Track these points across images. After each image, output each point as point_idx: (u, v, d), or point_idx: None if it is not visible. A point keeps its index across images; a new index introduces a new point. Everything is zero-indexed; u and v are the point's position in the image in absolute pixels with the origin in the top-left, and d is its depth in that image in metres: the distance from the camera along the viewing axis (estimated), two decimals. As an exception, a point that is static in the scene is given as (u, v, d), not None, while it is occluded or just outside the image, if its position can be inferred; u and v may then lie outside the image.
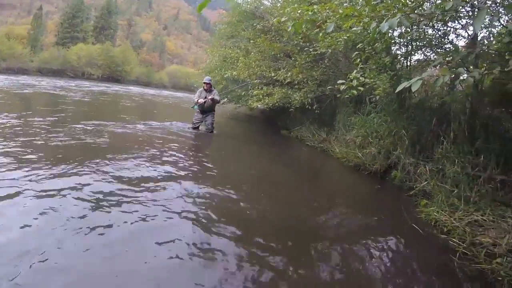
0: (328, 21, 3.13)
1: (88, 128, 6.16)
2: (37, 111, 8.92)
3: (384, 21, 2.54)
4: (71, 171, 3.47)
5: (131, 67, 53.94)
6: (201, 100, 7.95)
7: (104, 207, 2.74)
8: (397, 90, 2.45)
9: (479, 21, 2.04)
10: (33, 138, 4.78)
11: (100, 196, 2.93)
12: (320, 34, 6.22)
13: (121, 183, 3.35)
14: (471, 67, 2.45)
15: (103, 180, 3.35)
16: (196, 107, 8.10)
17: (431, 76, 2.36)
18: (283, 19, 3.39)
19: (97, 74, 48.24)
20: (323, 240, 2.86)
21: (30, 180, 3.05)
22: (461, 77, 5.43)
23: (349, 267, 2.44)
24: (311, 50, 7.50)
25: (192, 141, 6.72)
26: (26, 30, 53.30)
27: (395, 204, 4.09)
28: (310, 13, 3.40)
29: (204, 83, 8.13)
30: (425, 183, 4.20)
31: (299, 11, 4.05)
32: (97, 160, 3.98)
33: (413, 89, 2.28)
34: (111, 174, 3.57)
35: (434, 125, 4.82)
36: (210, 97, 7.91)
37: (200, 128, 8.19)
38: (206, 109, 8.08)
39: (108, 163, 3.97)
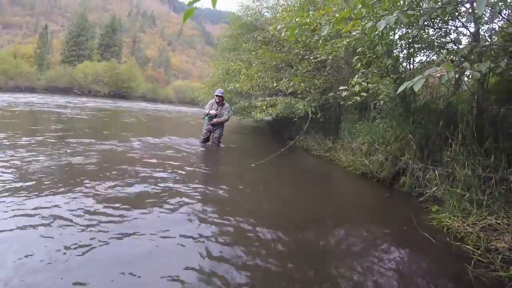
0: (322, 23, 3.06)
1: (77, 147, 5.98)
2: (26, 130, 8.62)
3: (382, 19, 2.47)
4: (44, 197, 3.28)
5: (137, 84, 54.68)
6: (213, 112, 7.82)
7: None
8: (399, 91, 2.36)
9: (481, 2, 1.94)
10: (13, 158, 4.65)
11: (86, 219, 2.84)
12: (320, 41, 6.20)
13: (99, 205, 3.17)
14: (476, 65, 2.36)
15: (82, 204, 3.18)
16: (207, 118, 7.93)
17: (434, 76, 2.25)
18: (279, 26, 3.34)
19: (104, 91, 48.98)
20: (332, 251, 2.77)
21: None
22: (467, 73, 5.38)
23: (359, 279, 2.33)
24: (311, 58, 7.45)
25: (193, 157, 6.57)
26: (32, 49, 54.56)
27: (405, 211, 3.92)
28: (306, 19, 3.34)
29: (216, 95, 7.97)
30: (435, 188, 4.04)
31: (296, 19, 4.00)
32: (75, 184, 3.73)
33: (416, 88, 2.19)
34: (86, 199, 3.33)
35: (441, 127, 4.67)
36: (221, 119, 7.87)
37: (210, 140, 8.17)
38: (216, 123, 7.95)
39: (88, 186, 3.71)
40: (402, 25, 5.15)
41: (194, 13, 1.65)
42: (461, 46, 5.15)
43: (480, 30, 4.88)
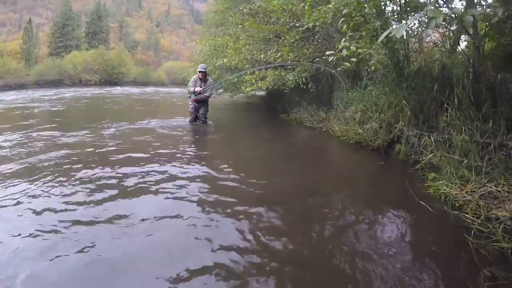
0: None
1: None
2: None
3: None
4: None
5: (127, 69, 53.57)
6: (198, 89, 7.68)
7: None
8: (380, 40, 2.18)
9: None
10: None
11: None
12: (306, 8, 5.85)
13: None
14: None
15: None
16: (192, 96, 7.81)
17: (428, 39, 2.05)
18: None
19: (94, 79, 47.92)
20: (326, 222, 2.68)
21: None
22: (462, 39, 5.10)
23: (353, 250, 2.23)
24: (297, 25, 7.10)
25: (184, 138, 6.35)
26: (18, 45, 53.01)
27: (401, 179, 3.75)
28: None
29: (199, 71, 7.83)
30: (431, 155, 3.83)
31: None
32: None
33: (397, 35, 2.16)
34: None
35: (436, 92, 4.42)
36: (205, 95, 7.77)
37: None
38: (200, 100, 7.87)
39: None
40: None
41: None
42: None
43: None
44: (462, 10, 2.05)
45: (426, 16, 2.11)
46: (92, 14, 62.91)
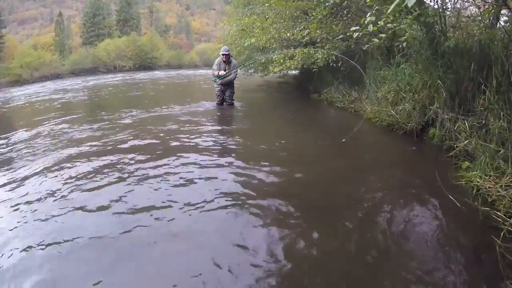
0: None
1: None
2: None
3: None
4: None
5: (160, 53, 54.45)
6: (222, 72, 7.77)
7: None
8: (390, 9, 2.03)
9: None
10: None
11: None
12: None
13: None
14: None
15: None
16: (217, 79, 7.92)
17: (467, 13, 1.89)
18: None
19: (128, 65, 49.29)
20: (351, 212, 2.69)
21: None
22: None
23: (373, 244, 2.24)
24: (323, 0, 6.77)
25: (206, 125, 6.41)
26: (51, 38, 55.29)
27: (432, 168, 3.54)
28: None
29: (222, 54, 7.85)
30: (466, 142, 3.59)
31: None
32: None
33: (409, 3, 2.01)
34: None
35: (474, 71, 4.07)
36: (229, 78, 7.86)
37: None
38: (225, 83, 8.00)
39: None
40: None
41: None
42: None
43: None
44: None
45: None
46: (121, 1, 63.74)
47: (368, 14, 4.32)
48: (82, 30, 58.88)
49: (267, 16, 9.94)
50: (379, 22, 4.32)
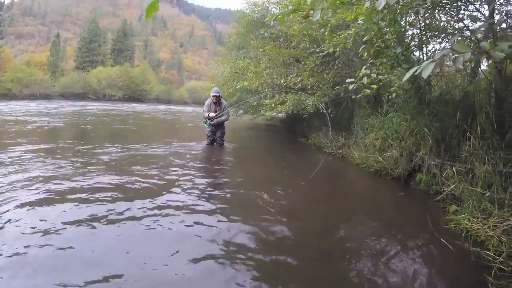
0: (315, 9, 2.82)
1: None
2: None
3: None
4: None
5: (151, 86, 55.24)
6: (212, 114, 7.67)
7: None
8: (406, 77, 2.12)
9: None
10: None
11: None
12: (327, 33, 5.93)
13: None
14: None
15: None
16: (208, 122, 7.80)
17: (450, 63, 2.02)
18: (273, 18, 3.12)
19: (118, 95, 49.58)
20: (342, 256, 2.65)
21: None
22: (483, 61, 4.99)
23: (367, 286, 2.21)
24: (318, 51, 7.18)
25: (207, 163, 6.46)
26: (45, 57, 55.89)
27: (421, 212, 3.65)
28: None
29: (213, 96, 7.76)
30: (453, 186, 3.76)
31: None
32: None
33: (424, 74, 1.93)
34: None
35: (459, 119, 4.35)
36: (222, 119, 7.74)
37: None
38: (216, 124, 7.85)
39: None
40: (408, 8, 4.83)
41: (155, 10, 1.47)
42: (477, 25, 4.80)
43: (495, 14, 4.54)
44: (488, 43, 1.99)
45: (450, 48, 2.08)
46: (118, 32, 65.78)
47: (363, 67, 4.64)
48: (77, 54, 60.15)
49: (260, 61, 10.37)
50: (372, 75, 4.60)
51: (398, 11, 4.56)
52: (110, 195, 3.65)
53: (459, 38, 4.20)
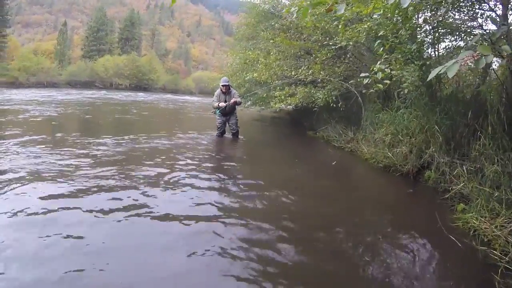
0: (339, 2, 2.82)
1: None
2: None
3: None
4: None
5: (157, 76, 55.30)
6: (222, 104, 7.65)
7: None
8: (430, 77, 2.16)
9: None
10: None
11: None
12: (340, 27, 5.93)
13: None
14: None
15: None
16: (218, 112, 7.79)
17: (464, 62, 2.05)
18: (292, 9, 3.13)
19: (125, 83, 49.80)
20: (348, 252, 2.71)
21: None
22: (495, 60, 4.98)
23: (376, 282, 2.29)
24: (331, 44, 7.17)
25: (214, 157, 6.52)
26: (52, 45, 56.18)
27: (429, 210, 3.70)
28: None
29: (222, 85, 7.81)
30: (462, 185, 3.81)
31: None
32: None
33: (450, 74, 1.97)
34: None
35: (470, 118, 4.38)
36: (232, 101, 7.64)
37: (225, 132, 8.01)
38: (228, 111, 7.85)
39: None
40: (427, 6, 4.82)
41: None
42: (491, 28, 4.79)
43: (509, 14, 4.53)
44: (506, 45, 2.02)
45: (469, 48, 2.11)
46: (125, 21, 65.77)
47: (378, 62, 4.67)
48: (84, 42, 60.42)
49: (270, 53, 10.35)
50: (386, 70, 4.62)
51: (417, 8, 4.55)
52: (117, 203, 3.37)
53: (478, 38, 4.18)
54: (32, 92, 24.98)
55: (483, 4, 4.80)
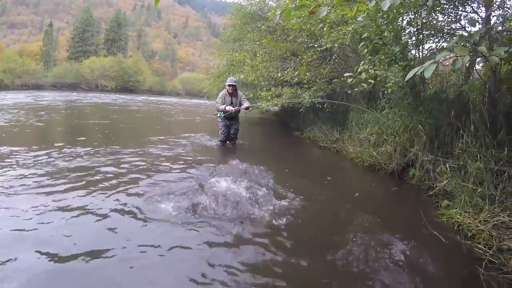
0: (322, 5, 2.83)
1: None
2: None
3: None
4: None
5: (143, 77, 54.77)
6: (230, 108, 6.58)
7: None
8: (408, 76, 2.16)
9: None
10: None
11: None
12: (325, 29, 5.98)
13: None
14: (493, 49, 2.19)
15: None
16: (222, 115, 6.75)
17: (444, 64, 2.09)
18: (277, 12, 3.13)
19: (111, 85, 49.16)
20: (336, 249, 2.68)
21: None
22: (478, 60, 5.09)
23: (364, 278, 2.28)
24: (316, 46, 7.22)
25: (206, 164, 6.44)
26: (38, 47, 55.08)
27: (414, 207, 3.79)
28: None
29: (228, 85, 6.74)
30: (445, 182, 3.88)
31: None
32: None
33: (426, 74, 1.96)
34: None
35: (452, 117, 4.48)
36: (245, 106, 6.66)
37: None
38: (233, 115, 6.89)
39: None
40: (410, 8, 4.90)
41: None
42: (474, 29, 4.89)
43: (491, 16, 4.64)
44: (486, 48, 2.06)
45: (449, 50, 2.15)
46: (112, 21, 64.97)
47: (362, 63, 4.72)
48: (69, 43, 59.27)
49: (257, 54, 10.37)
50: (370, 70, 4.68)
51: (401, 10, 4.62)
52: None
53: (457, 39, 4.27)
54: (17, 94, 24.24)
55: (466, 6, 4.90)
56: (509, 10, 4.67)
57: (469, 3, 4.80)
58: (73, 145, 5.81)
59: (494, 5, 4.65)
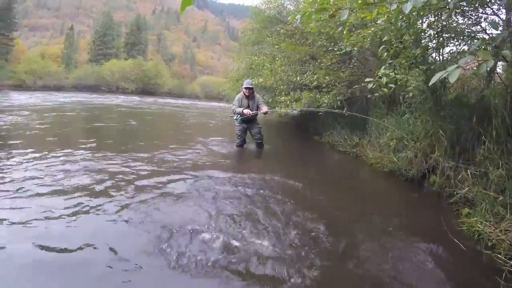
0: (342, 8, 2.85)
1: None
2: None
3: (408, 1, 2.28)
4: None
5: (163, 80, 55.60)
6: (247, 111, 6.44)
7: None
8: (432, 81, 2.16)
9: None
10: None
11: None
12: (345, 32, 5.98)
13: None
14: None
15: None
16: (239, 118, 6.67)
17: (466, 68, 2.09)
18: (297, 16, 3.19)
19: (131, 88, 49.99)
20: (353, 256, 2.70)
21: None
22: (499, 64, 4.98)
23: (383, 284, 2.32)
24: (335, 49, 7.22)
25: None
26: (59, 49, 57.01)
27: (435, 214, 3.74)
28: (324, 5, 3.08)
29: (245, 88, 6.68)
30: (466, 189, 3.83)
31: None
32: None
33: (451, 79, 1.94)
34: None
35: (474, 123, 4.40)
36: (263, 110, 6.48)
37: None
38: (250, 118, 6.75)
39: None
40: (430, 11, 4.86)
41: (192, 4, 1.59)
42: (495, 32, 4.80)
43: (512, 19, 4.55)
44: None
45: (471, 53, 2.14)
46: (132, 25, 66.52)
47: (383, 67, 4.70)
48: (90, 47, 61.22)
49: (276, 58, 10.44)
50: (390, 74, 4.65)
51: (421, 13, 4.59)
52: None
53: (479, 43, 4.21)
54: (38, 96, 25.12)
55: (486, 8, 4.82)
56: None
57: (489, 5, 4.71)
58: (98, 147, 6.05)
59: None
